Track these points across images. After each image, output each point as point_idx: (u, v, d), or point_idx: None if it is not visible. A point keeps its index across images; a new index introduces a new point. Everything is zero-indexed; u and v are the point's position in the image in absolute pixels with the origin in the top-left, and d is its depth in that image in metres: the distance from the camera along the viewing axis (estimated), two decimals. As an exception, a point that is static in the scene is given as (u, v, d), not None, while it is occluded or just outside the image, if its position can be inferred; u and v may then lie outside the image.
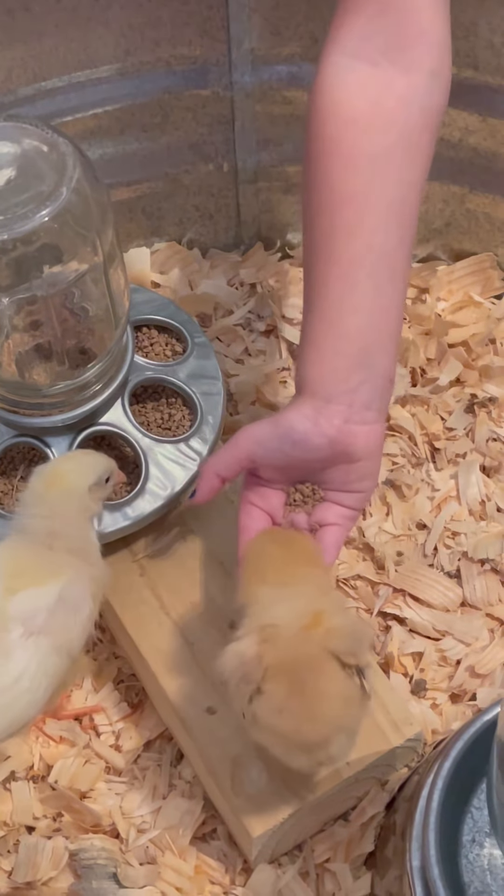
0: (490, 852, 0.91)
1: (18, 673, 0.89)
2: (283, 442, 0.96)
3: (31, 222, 0.90)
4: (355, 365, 0.96)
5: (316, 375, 0.97)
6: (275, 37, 1.17)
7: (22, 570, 0.93)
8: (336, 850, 1.02)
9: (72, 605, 0.92)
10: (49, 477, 0.97)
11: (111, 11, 1.13)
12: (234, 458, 0.97)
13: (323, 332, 0.97)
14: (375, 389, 0.97)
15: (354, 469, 0.97)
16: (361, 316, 0.97)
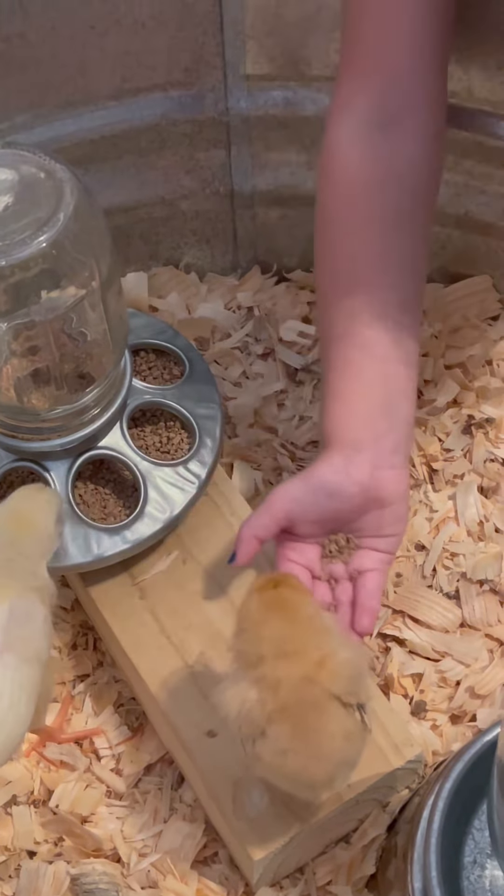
0: (492, 874, 0.91)
1: None
2: (317, 496, 0.97)
3: (28, 248, 0.90)
4: (380, 413, 0.98)
5: (342, 426, 0.98)
6: (269, 62, 1.18)
7: None
8: (337, 872, 1.02)
9: (24, 617, 0.93)
10: (18, 519, 0.98)
11: (107, 38, 1.14)
12: (272, 518, 0.98)
13: (346, 384, 0.99)
14: (400, 434, 0.99)
15: (386, 514, 0.99)
16: (383, 365, 0.99)
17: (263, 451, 1.23)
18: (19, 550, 0.96)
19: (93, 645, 1.14)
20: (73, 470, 1.07)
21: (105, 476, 1.10)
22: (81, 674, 1.13)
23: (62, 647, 1.13)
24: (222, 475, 1.17)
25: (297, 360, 1.29)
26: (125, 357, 1.08)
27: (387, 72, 0.99)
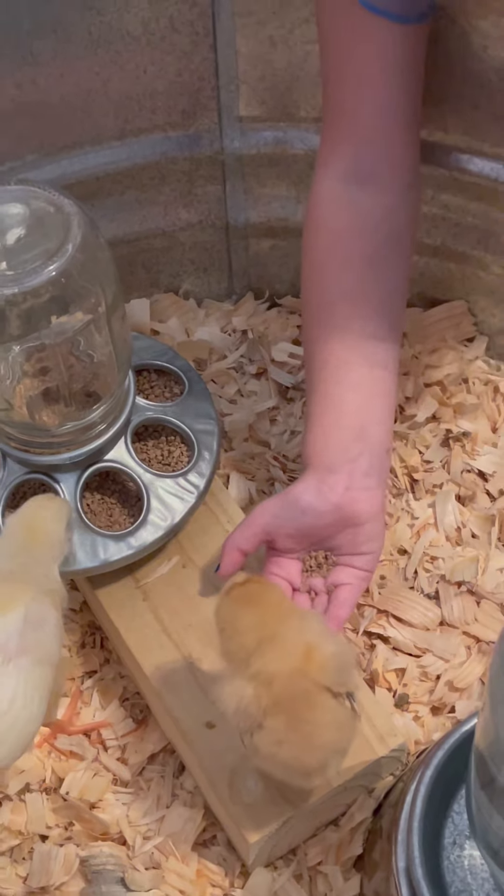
0: (470, 854, 0.91)
1: (11, 695, 0.89)
2: (293, 512, 0.98)
3: (39, 277, 0.91)
4: (354, 438, 0.99)
5: (319, 449, 0.99)
6: (261, 105, 1.18)
7: None
8: (327, 853, 1.02)
9: (38, 621, 0.93)
10: (30, 528, 0.98)
11: (111, 84, 1.14)
12: (252, 532, 0.99)
13: (324, 410, 1.00)
14: (374, 458, 0.99)
15: (361, 532, 0.99)
16: (358, 394, 1.00)
17: (257, 464, 1.24)
18: (33, 557, 0.97)
19: (100, 644, 1.14)
20: (81, 481, 1.07)
21: (111, 487, 1.10)
22: (89, 670, 1.13)
23: (71, 645, 1.13)
24: (219, 485, 1.17)
25: (288, 379, 1.29)
26: (129, 377, 1.08)
27: (362, 134, 1.01)
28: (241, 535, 1.00)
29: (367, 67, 0.98)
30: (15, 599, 0.93)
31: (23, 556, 0.96)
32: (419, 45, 1.00)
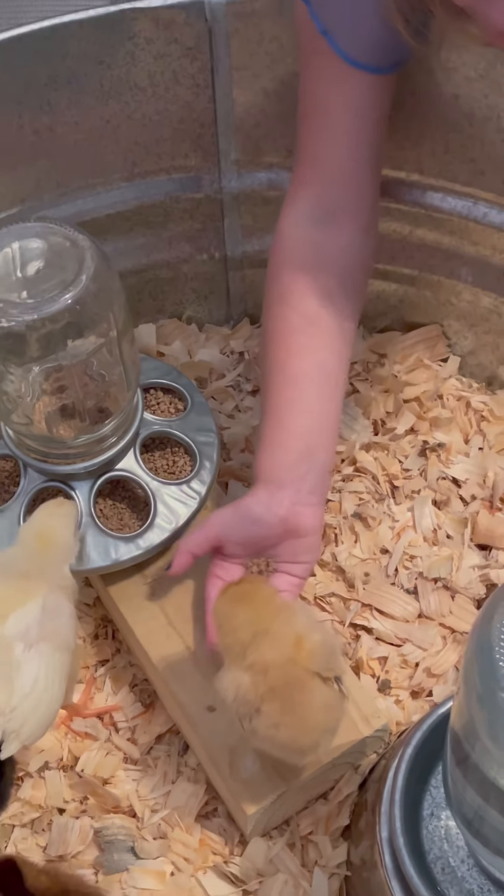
0: (446, 824, 0.91)
1: (33, 679, 0.90)
2: (243, 522, 0.98)
3: (56, 305, 0.91)
4: (301, 458, 0.99)
5: (269, 467, 1.00)
6: (255, 150, 1.19)
7: (5, 599, 0.94)
8: (317, 824, 1.02)
9: (55, 611, 0.94)
10: (41, 537, 0.98)
11: (120, 131, 1.15)
12: (205, 538, 1.00)
13: (275, 431, 1.01)
14: (318, 478, 1.00)
15: (300, 543, 1.00)
16: (306, 419, 1.00)
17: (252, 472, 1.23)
18: (46, 559, 0.97)
19: (111, 635, 1.14)
20: (95, 489, 1.07)
21: (121, 493, 1.10)
22: (102, 659, 1.13)
23: (86, 637, 1.13)
24: (218, 492, 1.17)
25: (281, 396, 1.29)
26: (138, 394, 1.08)
27: (325, 178, 1.02)
28: (194, 540, 1.00)
29: (339, 116, 0.99)
30: (33, 592, 0.94)
31: (37, 560, 0.97)
32: (388, 91, 1.00)
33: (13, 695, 0.89)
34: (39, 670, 0.91)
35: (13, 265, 0.94)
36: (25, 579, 0.95)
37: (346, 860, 0.99)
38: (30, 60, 1.06)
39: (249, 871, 0.99)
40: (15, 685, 0.90)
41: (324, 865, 0.99)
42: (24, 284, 0.93)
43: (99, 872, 1.00)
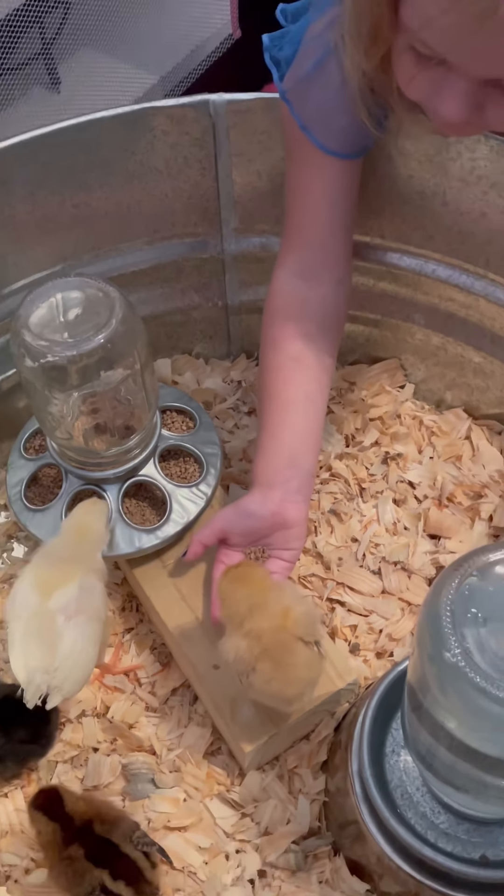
0: (404, 759, 0.91)
1: (72, 644, 0.90)
2: (242, 517, 0.99)
3: (91, 343, 0.91)
4: (288, 465, 0.99)
5: (263, 472, 1.00)
6: (251, 219, 1.19)
7: (49, 580, 0.94)
8: (301, 760, 1.02)
9: (89, 590, 0.94)
10: (79, 530, 0.98)
11: (142, 205, 1.15)
12: (212, 531, 1.00)
13: (268, 445, 1.01)
14: (302, 481, 1.00)
15: (289, 533, 1.00)
16: (293, 435, 1.01)
17: (248, 477, 1.23)
18: (82, 548, 0.97)
19: (136, 608, 1.14)
20: (122, 490, 1.07)
21: (143, 494, 1.10)
22: (128, 627, 1.13)
23: (115, 609, 1.13)
24: (221, 493, 1.17)
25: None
26: (156, 415, 1.09)
27: (307, 244, 1.02)
28: (204, 533, 1.00)
29: (318, 194, 0.99)
30: (72, 575, 0.94)
31: (75, 548, 0.97)
32: (356, 172, 1.00)
33: (56, 657, 0.89)
34: (77, 637, 0.91)
35: (57, 311, 0.94)
36: (66, 564, 0.95)
37: (324, 789, 0.99)
38: (70, 148, 1.07)
39: (247, 798, 0.99)
40: (57, 649, 0.90)
41: (306, 793, 0.99)
42: (66, 327, 0.93)
43: (125, 799, 1.00)
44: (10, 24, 1.41)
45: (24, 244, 1.11)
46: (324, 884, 0.94)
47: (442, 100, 0.75)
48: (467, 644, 0.69)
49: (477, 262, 1.12)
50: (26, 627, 0.91)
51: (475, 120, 0.76)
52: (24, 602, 0.93)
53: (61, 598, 0.92)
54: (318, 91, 0.92)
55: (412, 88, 0.78)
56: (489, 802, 0.81)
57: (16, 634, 0.92)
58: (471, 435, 1.26)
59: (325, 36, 0.88)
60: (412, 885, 0.87)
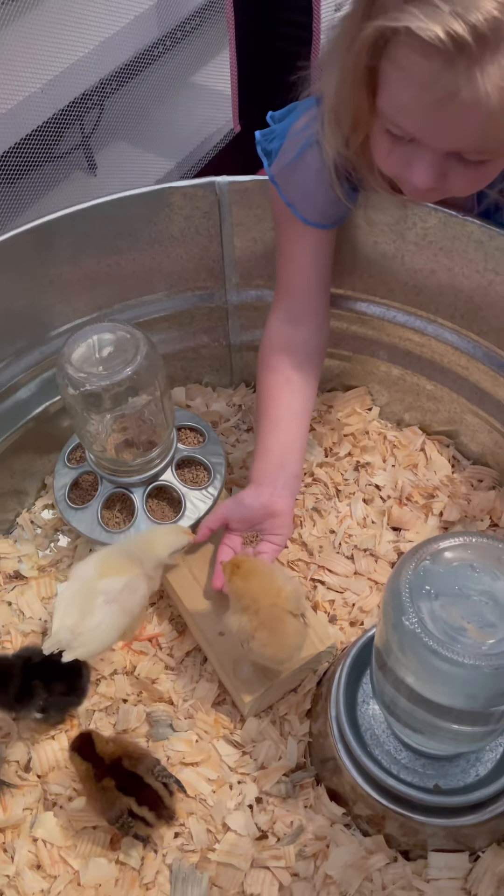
0: (373, 708, 0.91)
1: (98, 623, 0.90)
2: (239, 507, 0.99)
3: (121, 375, 0.92)
4: (277, 468, 0.99)
5: (256, 473, 1.01)
6: (248, 276, 1.19)
7: (110, 566, 0.94)
8: (290, 708, 1.01)
9: (132, 590, 0.93)
10: (152, 542, 0.97)
11: (162, 265, 1.16)
12: (216, 518, 1.00)
13: (261, 452, 1.02)
14: (288, 480, 1.00)
15: (277, 521, 1.00)
16: (283, 443, 1.01)
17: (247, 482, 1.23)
18: (148, 555, 0.96)
19: (157, 587, 1.14)
20: (146, 493, 1.08)
21: (163, 495, 1.11)
22: (150, 602, 1.12)
23: (141, 588, 1.13)
24: (226, 494, 1.17)
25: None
26: (173, 432, 1.09)
27: (293, 296, 1.03)
28: (210, 519, 1.01)
29: (301, 258, 1.00)
30: (127, 570, 0.93)
31: (141, 553, 0.96)
32: (332, 239, 1.01)
33: (83, 626, 0.89)
34: (105, 619, 0.90)
35: (94, 350, 0.95)
36: (128, 561, 0.94)
37: (308, 731, 0.99)
38: (104, 220, 1.07)
39: (246, 739, 0.99)
40: (87, 620, 0.89)
41: (294, 735, 0.99)
42: (101, 362, 0.94)
43: (149, 741, 1.00)
44: (57, 121, 1.42)
45: (67, 297, 1.12)
46: (308, 808, 0.94)
47: (413, 171, 0.75)
48: (422, 615, 0.69)
49: (429, 309, 1.12)
50: (75, 592, 0.91)
51: (440, 186, 0.77)
52: (84, 572, 0.93)
53: (109, 584, 0.91)
54: (299, 175, 0.92)
55: (388, 164, 0.79)
56: (440, 742, 0.81)
57: (66, 593, 0.91)
58: (425, 447, 1.26)
59: (304, 132, 0.89)
60: (379, 809, 0.87)
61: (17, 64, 1.31)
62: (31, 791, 0.97)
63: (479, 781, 0.86)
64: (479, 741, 0.81)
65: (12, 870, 0.92)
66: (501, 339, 1.08)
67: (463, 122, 0.67)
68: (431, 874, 0.88)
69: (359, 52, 0.69)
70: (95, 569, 0.93)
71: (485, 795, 0.83)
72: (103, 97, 1.55)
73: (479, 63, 0.63)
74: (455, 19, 0.60)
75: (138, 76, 1.59)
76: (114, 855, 0.92)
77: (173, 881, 0.90)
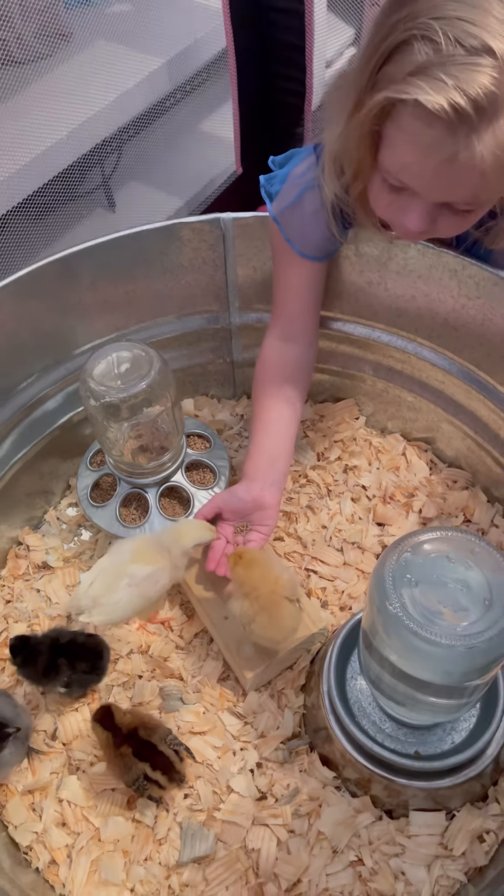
0: (361, 683, 0.91)
1: (117, 601, 0.89)
2: (232, 499, 0.98)
3: (137, 388, 0.92)
4: (267, 465, 0.99)
5: (248, 469, 1.00)
6: (249, 301, 1.19)
7: (142, 553, 0.93)
8: (287, 683, 1.01)
9: (154, 580, 0.92)
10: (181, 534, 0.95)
11: (174, 290, 1.16)
12: (210, 508, 0.99)
13: (253, 451, 1.01)
14: (277, 477, 1.00)
15: (265, 513, 0.99)
16: (273, 443, 1.01)
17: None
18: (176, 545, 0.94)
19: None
20: (159, 492, 1.08)
21: (174, 495, 1.11)
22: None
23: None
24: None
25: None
26: (183, 439, 1.09)
27: (287, 318, 1.03)
28: (205, 508, 1.00)
29: (296, 285, 1.00)
30: (154, 561, 0.92)
31: (171, 541, 0.95)
32: (324, 269, 1.01)
33: (104, 598, 0.89)
34: (123, 600, 0.90)
35: (113, 366, 0.95)
36: (159, 551, 0.93)
37: (303, 704, 0.99)
38: (122, 252, 1.07)
39: (248, 711, 0.99)
40: (109, 595, 0.89)
41: (290, 707, 0.99)
42: (119, 377, 0.94)
43: (161, 713, 0.99)
44: (80, 164, 1.42)
45: (89, 319, 1.12)
46: (303, 772, 0.94)
47: (408, 217, 0.76)
48: (404, 600, 0.69)
49: (409, 330, 1.12)
50: (105, 567, 0.90)
51: (429, 230, 0.77)
52: (119, 552, 0.92)
53: (136, 570, 0.91)
54: (298, 216, 0.93)
55: (384, 210, 0.79)
56: (420, 713, 0.80)
57: (99, 566, 0.91)
58: (405, 452, 1.26)
59: (303, 178, 0.90)
60: (366, 773, 0.87)
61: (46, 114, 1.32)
62: (57, 757, 0.96)
63: (454, 748, 0.85)
64: (455, 712, 0.80)
65: (40, 827, 0.91)
66: (474, 357, 1.08)
67: (458, 180, 0.68)
68: (412, 831, 0.88)
69: (365, 117, 0.69)
70: (129, 552, 0.92)
71: (459, 761, 0.83)
72: (121, 143, 1.55)
73: (476, 131, 0.64)
74: (457, 92, 0.62)
75: (152, 125, 1.60)
76: (130, 814, 0.92)
77: (183, 837, 0.89)
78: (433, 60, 0.62)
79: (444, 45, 0.61)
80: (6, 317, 1.01)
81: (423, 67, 0.63)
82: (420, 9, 0.62)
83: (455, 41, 0.61)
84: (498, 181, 0.68)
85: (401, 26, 0.63)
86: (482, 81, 0.61)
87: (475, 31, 0.60)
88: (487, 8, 0.61)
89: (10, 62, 1.34)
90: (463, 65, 0.61)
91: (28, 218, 1.37)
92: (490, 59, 0.61)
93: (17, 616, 1.09)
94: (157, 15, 1.52)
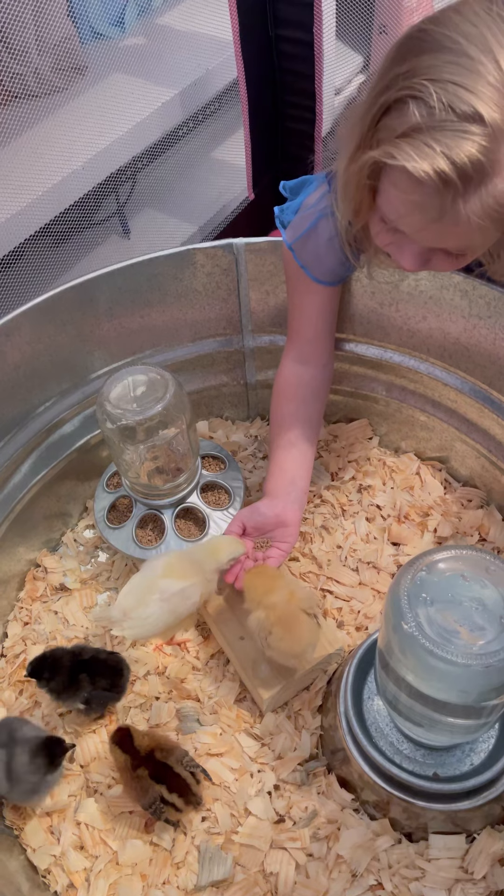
0: (378, 704, 0.91)
1: (147, 616, 0.89)
2: (255, 516, 0.99)
3: (152, 411, 0.93)
4: (288, 484, 1.00)
5: (270, 487, 1.01)
6: (262, 324, 1.20)
7: (174, 569, 0.92)
8: (304, 704, 1.01)
9: (185, 596, 0.92)
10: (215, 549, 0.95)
11: (188, 315, 1.17)
12: (237, 524, 1.00)
13: (274, 470, 1.02)
14: (298, 495, 1.01)
15: (286, 530, 1.00)
16: (293, 463, 1.01)
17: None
18: (209, 560, 0.94)
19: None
20: (174, 514, 1.08)
21: (189, 516, 1.11)
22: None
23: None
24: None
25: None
26: (198, 460, 1.10)
27: (302, 341, 1.04)
28: (233, 524, 1.00)
29: (310, 310, 1.01)
30: (187, 577, 0.92)
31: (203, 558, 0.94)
32: (337, 294, 1.03)
33: (136, 612, 0.89)
34: (153, 614, 0.90)
35: (129, 389, 0.96)
36: (192, 567, 0.93)
37: (320, 725, 0.99)
38: (137, 277, 1.09)
39: (265, 732, 0.99)
40: (140, 609, 0.89)
41: (308, 728, 0.99)
42: (135, 400, 0.95)
43: (178, 734, 0.99)
44: (96, 193, 1.46)
45: (106, 344, 1.13)
46: (321, 794, 0.93)
47: (403, 256, 0.78)
48: (420, 619, 0.69)
49: (420, 350, 1.13)
50: (139, 581, 0.91)
51: (423, 266, 0.79)
52: (153, 568, 0.92)
53: (167, 585, 0.91)
54: (312, 243, 0.95)
55: (385, 247, 0.81)
56: (438, 733, 0.80)
57: (135, 580, 0.91)
58: (419, 472, 1.26)
59: (317, 206, 0.92)
60: (384, 795, 0.86)
61: (62, 145, 1.35)
62: (75, 780, 0.97)
63: (473, 770, 0.85)
64: (473, 733, 0.80)
65: (59, 850, 0.91)
66: (485, 376, 1.08)
67: (446, 235, 0.71)
68: (432, 854, 0.87)
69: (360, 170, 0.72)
70: (162, 568, 0.92)
71: (479, 783, 0.82)
72: (135, 172, 1.59)
73: (462, 196, 0.65)
74: (444, 159, 0.63)
75: (165, 153, 1.63)
76: (148, 837, 0.91)
77: (201, 861, 0.89)
78: (425, 124, 0.63)
79: (437, 110, 0.62)
80: (25, 342, 1.02)
81: (413, 130, 0.64)
82: (419, 67, 0.63)
83: (448, 106, 0.61)
84: (484, 238, 0.71)
85: (400, 82, 0.64)
86: (469, 149, 0.62)
87: (467, 98, 0.61)
88: (483, 73, 0.61)
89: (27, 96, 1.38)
90: (452, 131, 0.62)
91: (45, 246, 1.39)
92: (479, 126, 0.61)
93: (35, 638, 1.10)
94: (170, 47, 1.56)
